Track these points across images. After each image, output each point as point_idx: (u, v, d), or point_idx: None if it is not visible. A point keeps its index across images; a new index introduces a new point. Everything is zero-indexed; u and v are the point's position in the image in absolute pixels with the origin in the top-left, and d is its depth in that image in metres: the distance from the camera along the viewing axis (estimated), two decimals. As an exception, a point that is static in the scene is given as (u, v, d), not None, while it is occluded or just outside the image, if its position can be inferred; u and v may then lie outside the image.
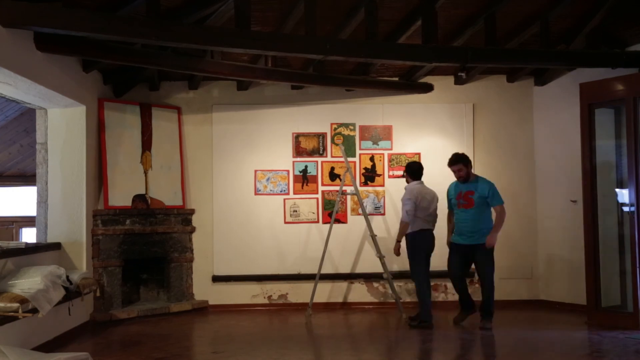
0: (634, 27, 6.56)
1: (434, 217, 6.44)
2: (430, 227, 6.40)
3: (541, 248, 7.70)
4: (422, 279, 6.33)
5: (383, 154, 7.73)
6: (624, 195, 6.43)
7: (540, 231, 7.72)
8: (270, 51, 5.95)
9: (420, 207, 6.31)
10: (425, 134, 7.74)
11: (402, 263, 7.53)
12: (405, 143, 7.72)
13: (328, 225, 7.14)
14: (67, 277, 5.46)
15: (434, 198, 6.45)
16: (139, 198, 7.12)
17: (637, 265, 6.05)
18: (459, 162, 6.30)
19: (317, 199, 7.64)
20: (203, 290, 7.53)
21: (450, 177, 6.56)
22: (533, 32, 6.61)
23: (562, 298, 7.40)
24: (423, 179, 6.53)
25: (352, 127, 7.74)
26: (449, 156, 6.45)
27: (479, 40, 6.45)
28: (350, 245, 7.61)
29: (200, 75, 7.34)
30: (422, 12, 5.99)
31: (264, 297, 7.57)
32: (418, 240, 6.34)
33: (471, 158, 7.60)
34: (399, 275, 7.46)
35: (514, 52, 6.60)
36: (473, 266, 6.48)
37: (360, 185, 7.63)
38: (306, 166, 7.69)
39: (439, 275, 7.24)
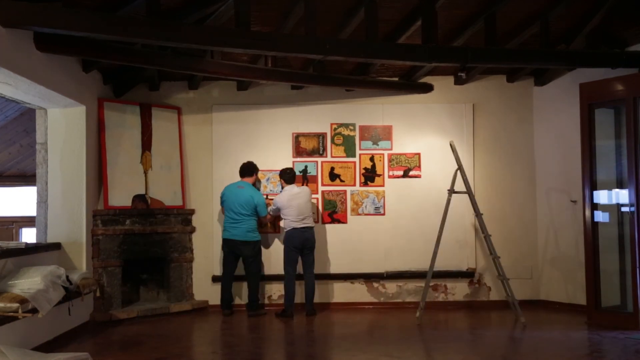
0: (634, 27, 6.56)
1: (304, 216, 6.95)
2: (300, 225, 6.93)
3: (541, 248, 7.70)
4: (286, 272, 7.05)
5: (383, 154, 7.72)
6: (623, 195, 6.43)
7: (540, 231, 7.71)
8: (270, 51, 5.94)
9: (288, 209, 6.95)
10: (425, 134, 7.72)
11: (401, 262, 7.55)
12: (405, 143, 7.71)
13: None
14: (67, 277, 5.46)
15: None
16: (139, 198, 7.12)
17: (637, 265, 6.06)
18: None
19: (317, 199, 7.63)
20: (203, 290, 7.52)
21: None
22: (533, 32, 6.60)
23: (562, 298, 7.41)
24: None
25: (352, 127, 7.73)
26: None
27: (479, 40, 6.44)
28: (351, 245, 7.61)
29: (200, 75, 7.34)
30: (422, 12, 5.98)
31: (264, 297, 7.57)
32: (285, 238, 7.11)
33: (471, 158, 7.64)
34: (399, 275, 7.46)
35: (514, 52, 6.59)
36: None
37: (360, 186, 7.63)
38: (306, 166, 7.68)
39: (439, 275, 7.26)
